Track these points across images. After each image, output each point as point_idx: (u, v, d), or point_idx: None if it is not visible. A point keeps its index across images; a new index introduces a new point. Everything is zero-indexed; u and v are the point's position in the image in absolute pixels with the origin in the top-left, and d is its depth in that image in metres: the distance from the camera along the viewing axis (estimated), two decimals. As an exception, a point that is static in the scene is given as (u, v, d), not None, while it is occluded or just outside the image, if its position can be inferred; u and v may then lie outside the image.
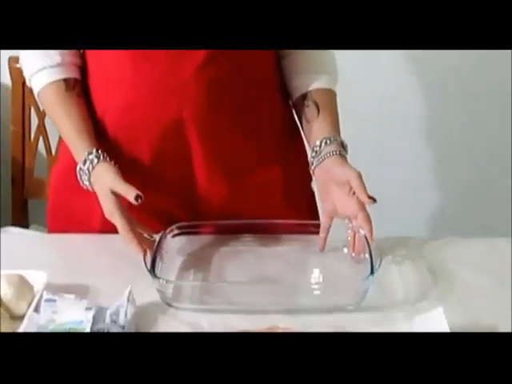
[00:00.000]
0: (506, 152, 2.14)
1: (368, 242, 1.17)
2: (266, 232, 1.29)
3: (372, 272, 1.09)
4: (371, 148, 2.09)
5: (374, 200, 1.16)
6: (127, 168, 1.24)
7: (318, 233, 1.27)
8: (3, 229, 1.81)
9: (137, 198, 1.14)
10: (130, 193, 1.15)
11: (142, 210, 1.19)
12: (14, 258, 1.23)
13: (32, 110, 1.77)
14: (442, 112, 2.15)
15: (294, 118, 1.37)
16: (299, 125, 1.35)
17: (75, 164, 1.24)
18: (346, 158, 1.24)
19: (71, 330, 1.00)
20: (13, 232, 1.72)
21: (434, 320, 1.02)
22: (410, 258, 1.24)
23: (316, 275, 1.21)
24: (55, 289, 1.11)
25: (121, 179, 1.19)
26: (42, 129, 1.77)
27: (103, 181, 1.20)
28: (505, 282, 1.16)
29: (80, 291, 1.13)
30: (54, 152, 1.78)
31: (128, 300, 1.06)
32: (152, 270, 1.11)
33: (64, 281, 1.17)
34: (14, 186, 1.82)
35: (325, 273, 1.21)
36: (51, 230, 1.42)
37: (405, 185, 2.18)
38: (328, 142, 1.24)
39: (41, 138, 1.80)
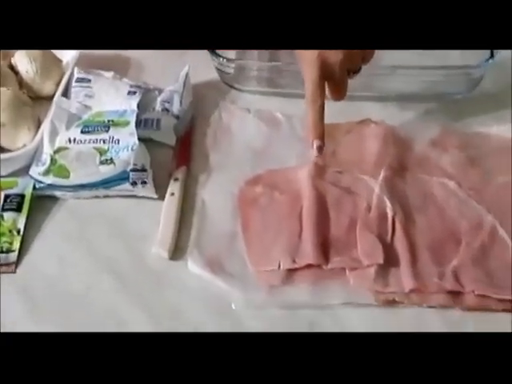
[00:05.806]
0: None
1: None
2: None
3: (492, 55, 0.87)
4: None
5: None
6: None
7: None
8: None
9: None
10: None
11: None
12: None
13: None
14: None
15: None
16: None
17: None
18: None
19: (111, 124, 0.79)
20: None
21: None
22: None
23: (415, 55, 0.94)
24: (89, 64, 0.90)
25: None
26: None
27: None
28: None
29: (120, 67, 0.92)
30: None
31: (184, 85, 0.84)
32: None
33: (99, 53, 0.94)
34: None
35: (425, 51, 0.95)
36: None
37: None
38: None
39: None
